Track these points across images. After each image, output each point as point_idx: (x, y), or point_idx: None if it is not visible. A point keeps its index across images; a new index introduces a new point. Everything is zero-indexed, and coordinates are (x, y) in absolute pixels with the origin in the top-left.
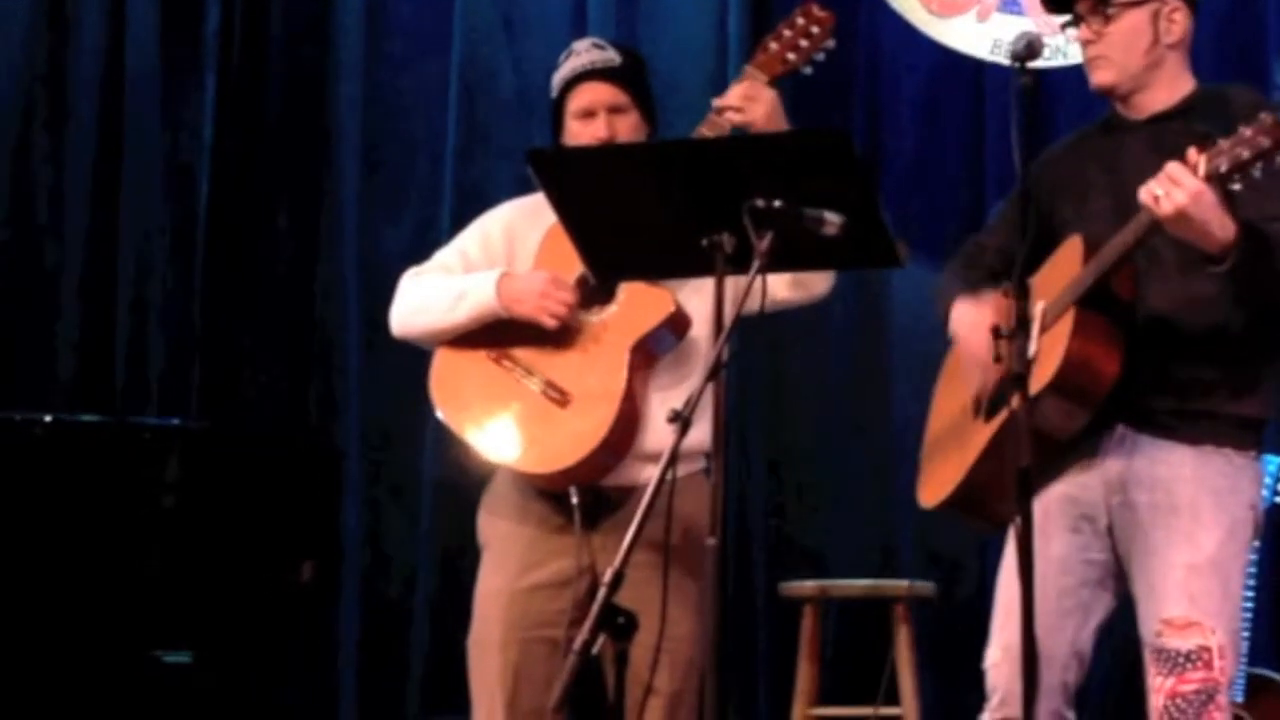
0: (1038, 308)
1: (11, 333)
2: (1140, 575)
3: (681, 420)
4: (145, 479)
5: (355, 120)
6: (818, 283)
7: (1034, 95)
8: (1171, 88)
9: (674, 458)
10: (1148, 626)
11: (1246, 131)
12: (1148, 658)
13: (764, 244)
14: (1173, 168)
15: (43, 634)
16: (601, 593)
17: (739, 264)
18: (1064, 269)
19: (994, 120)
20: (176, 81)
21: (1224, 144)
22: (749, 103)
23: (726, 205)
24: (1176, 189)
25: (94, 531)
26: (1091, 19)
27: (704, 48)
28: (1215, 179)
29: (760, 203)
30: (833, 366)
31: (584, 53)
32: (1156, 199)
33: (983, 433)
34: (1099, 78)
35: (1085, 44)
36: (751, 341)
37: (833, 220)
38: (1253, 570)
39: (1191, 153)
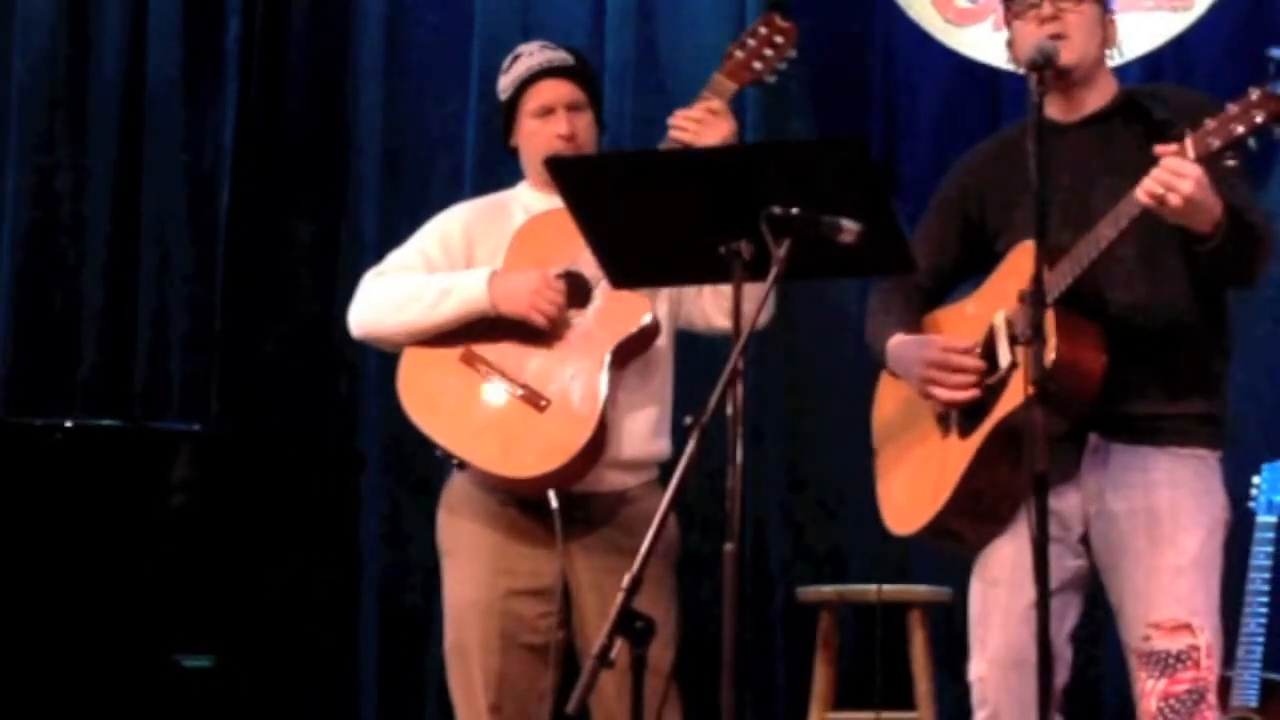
0: (998, 317)
1: (34, 336)
2: (1124, 582)
3: (699, 428)
4: (165, 484)
5: (375, 125)
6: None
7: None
8: (1104, 88)
9: (689, 467)
10: (1133, 632)
11: (1234, 108)
12: (1134, 662)
13: (782, 251)
14: (1170, 161)
15: (65, 638)
16: (620, 598)
17: (757, 271)
18: (1021, 275)
19: None
20: (198, 88)
21: (1211, 124)
22: (699, 126)
23: (744, 213)
24: (1181, 179)
25: (114, 536)
26: None
27: (722, 50)
28: (1208, 158)
29: (778, 210)
30: (849, 371)
31: (537, 52)
32: (1161, 196)
33: (963, 449)
34: (1062, 57)
35: (1045, 21)
36: (768, 347)
37: (850, 227)
38: (1266, 575)
39: (1187, 142)
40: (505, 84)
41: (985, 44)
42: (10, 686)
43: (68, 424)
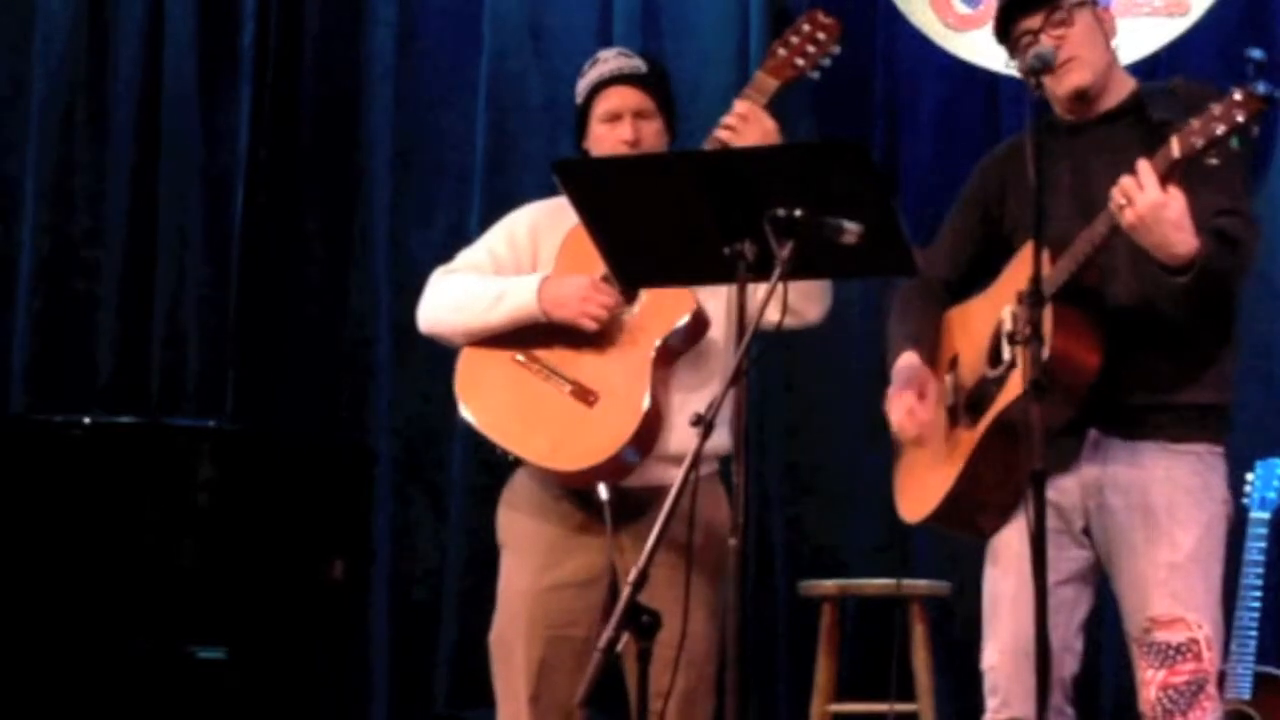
0: (1005, 312)
1: (53, 337)
2: (1124, 575)
3: (704, 424)
4: (181, 479)
5: (386, 129)
6: (810, 310)
7: (1047, 107)
8: (1120, 86)
9: (696, 460)
10: (1134, 623)
11: (1217, 109)
12: (1136, 652)
13: (785, 252)
14: (1140, 173)
15: (81, 630)
16: (625, 591)
17: (760, 272)
18: (1028, 271)
19: (1009, 131)
20: (213, 92)
21: (1195, 123)
22: (743, 124)
23: (748, 214)
24: (1139, 194)
25: (131, 530)
26: (1049, 28)
27: (726, 57)
28: (1192, 156)
29: (781, 212)
30: (850, 369)
31: (611, 59)
32: (1121, 205)
33: (967, 439)
34: (1075, 79)
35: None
36: (770, 346)
37: (851, 229)
38: (1259, 570)
39: (1173, 141)
40: (580, 88)
41: (984, 48)
42: (28, 676)
43: (86, 420)
